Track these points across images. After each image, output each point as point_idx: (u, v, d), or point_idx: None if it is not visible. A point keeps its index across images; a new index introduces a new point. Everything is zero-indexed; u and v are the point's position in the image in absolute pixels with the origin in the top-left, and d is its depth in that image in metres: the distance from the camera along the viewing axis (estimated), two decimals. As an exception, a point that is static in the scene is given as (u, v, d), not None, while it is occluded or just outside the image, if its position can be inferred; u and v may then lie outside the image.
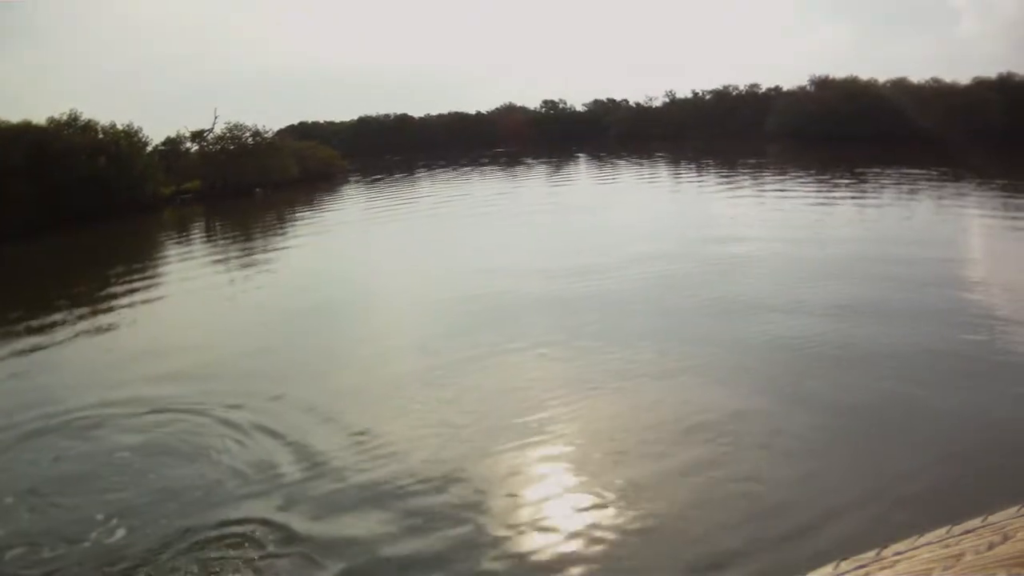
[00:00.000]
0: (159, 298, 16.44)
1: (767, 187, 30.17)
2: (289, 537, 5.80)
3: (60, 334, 13.35)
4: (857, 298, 11.67)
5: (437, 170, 49.68)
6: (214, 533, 5.92)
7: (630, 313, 11.80)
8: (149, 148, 38.47)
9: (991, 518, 1.81)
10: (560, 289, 13.66)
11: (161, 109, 78.12)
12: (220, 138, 42.27)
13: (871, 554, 1.79)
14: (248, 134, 42.75)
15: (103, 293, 16.95)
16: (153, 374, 10.39)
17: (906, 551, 1.79)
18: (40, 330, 13.62)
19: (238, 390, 9.37)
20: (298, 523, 5.98)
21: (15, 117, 31.48)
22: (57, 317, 14.55)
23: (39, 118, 32.84)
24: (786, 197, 26.20)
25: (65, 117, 33.75)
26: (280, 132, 50.06)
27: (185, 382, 9.90)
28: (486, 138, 68.84)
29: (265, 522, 6.01)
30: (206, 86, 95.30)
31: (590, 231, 21.66)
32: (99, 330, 13.70)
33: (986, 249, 16.45)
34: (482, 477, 6.64)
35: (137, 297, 16.25)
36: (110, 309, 15.32)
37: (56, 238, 26.56)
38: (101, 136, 34.19)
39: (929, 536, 1.82)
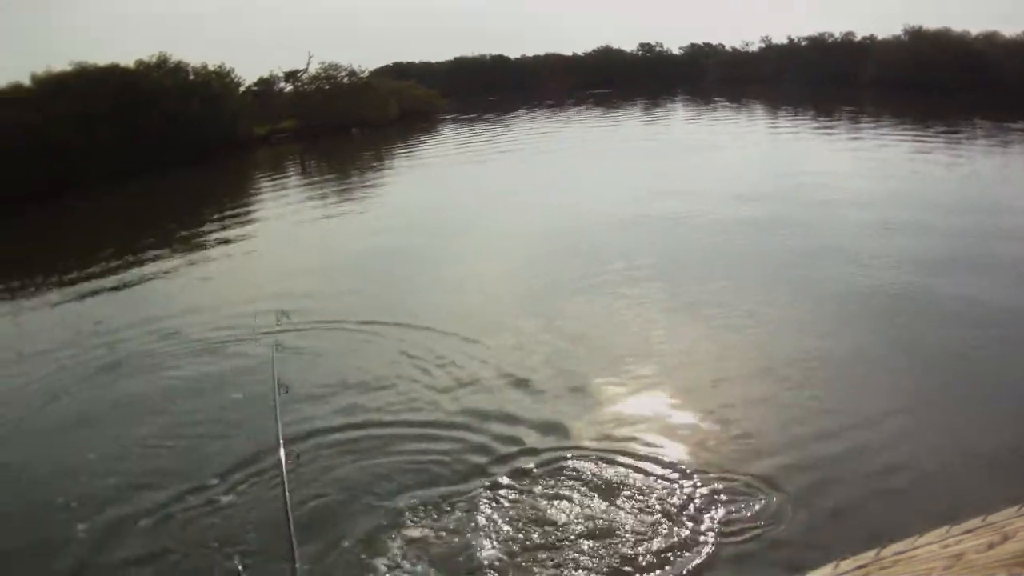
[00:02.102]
0: (258, 233, 17.25)
1: (864, 135, 29.21)
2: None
3: (166, 268, 14.24)
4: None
5: (534, 109, 49.20)
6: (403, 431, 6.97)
7: (724, 253, 12.40)
8: (242, 89, 38.39)
9: (991, 518, 1.75)
10: (656, 225, 14.56)
11: (251, 52, 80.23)
12: (315, 78, 42.20)
13: (871, 554, 1.76)
14: (344, 74, 42.50)
15: (204, 229, 17.73)
16: (272, 297, 11.19)
17: (906, 551, 1.75)
18: (150, 263, 14.52)
19: (359, 308, 10.48)
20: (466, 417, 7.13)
21: (101, 61, 30.02)
22: (158, 253, 15.38)
23: (127, 61, 31.65)
24: (884, 145, 25.63)
25: (154, 59, 32.70)
26: (375, 72, 50.08)
27: (309, 301, 10.94)
28: (582, 79, 67.89)
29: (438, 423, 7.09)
30: (295, 29, 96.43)
31: (685, 171, 21.76)
32: (207, 261, 14.65)
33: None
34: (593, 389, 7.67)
35: (234, 233, 17.02)
36: (214, 242, 16.15)
37: (149, 180, 26.00)
38: (192, 77, 33.51)
39: (929, 536, 1.76)
